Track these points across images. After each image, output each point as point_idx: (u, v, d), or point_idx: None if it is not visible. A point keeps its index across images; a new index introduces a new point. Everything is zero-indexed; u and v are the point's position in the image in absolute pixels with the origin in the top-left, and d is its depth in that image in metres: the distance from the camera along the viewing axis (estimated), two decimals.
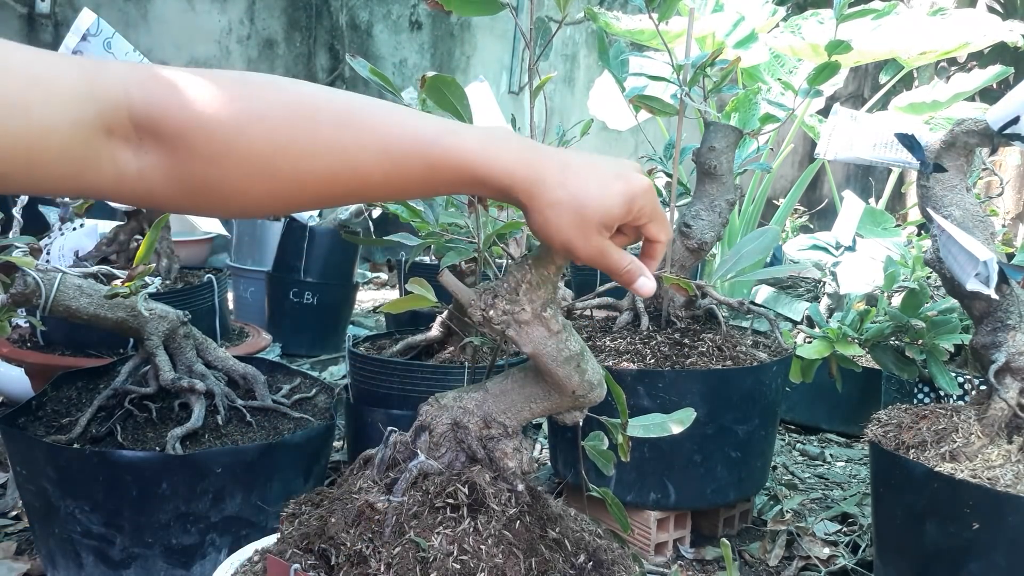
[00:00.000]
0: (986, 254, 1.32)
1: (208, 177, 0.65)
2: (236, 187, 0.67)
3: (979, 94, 4.44)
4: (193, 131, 0.64)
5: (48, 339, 2.08)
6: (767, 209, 3.99)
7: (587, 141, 1.70)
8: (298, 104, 0.68)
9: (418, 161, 0.70)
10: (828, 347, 1.81)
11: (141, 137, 0.63)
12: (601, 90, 3.79)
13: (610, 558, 0.92)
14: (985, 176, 4.05)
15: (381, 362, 1.80)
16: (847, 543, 1.83)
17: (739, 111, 2.01)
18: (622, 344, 1.76)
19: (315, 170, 0.68)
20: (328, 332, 3.21)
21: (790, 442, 2.56)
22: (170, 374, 1.52)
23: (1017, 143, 1.38)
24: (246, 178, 0.66)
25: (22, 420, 1.53)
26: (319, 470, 1.59)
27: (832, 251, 2.85)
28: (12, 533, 1.71)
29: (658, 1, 1.53)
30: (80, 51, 1.76)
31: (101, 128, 0.61)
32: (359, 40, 5.31)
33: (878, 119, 1.56)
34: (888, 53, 3.58)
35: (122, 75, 0.63)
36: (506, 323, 0.80)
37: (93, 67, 0.62)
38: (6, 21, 4.00)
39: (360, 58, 1.13)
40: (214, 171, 0.65)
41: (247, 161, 0.66)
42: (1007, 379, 1.41)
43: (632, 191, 0.75)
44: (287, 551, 0.85)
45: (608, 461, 1.01)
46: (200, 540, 1.42)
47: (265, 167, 0.67)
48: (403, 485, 0.85)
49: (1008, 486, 1.29)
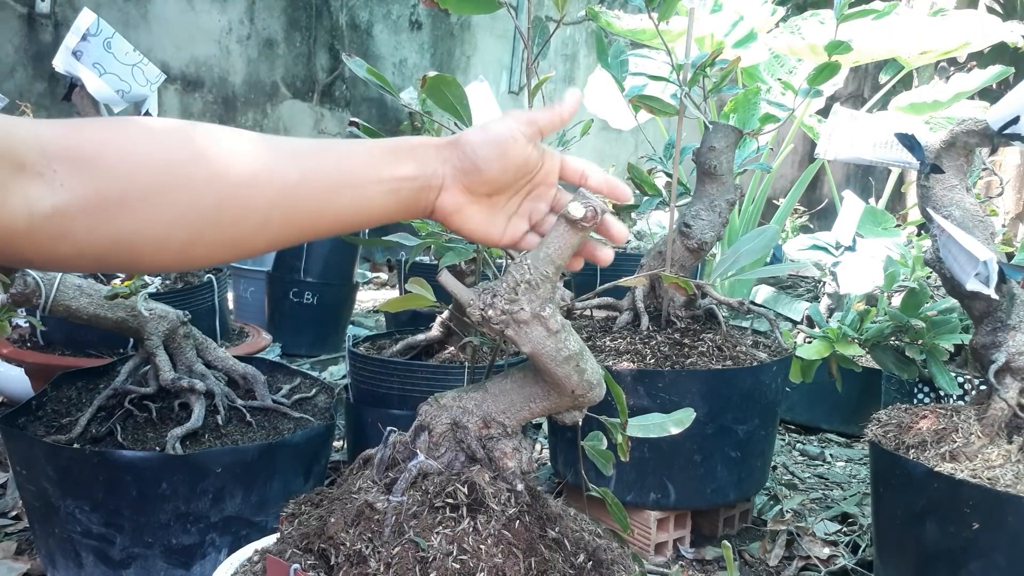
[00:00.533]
0: (986, 254, 1.32)
1: (127, 195, 0.63)
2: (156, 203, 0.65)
3: (979, 94, 4.43)
4: (110, 146, 0.63)
5: (48, 339, 2.08)
6: (767, 209, 3.99)
7: (587, 140, 1.70)
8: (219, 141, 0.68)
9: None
10: (828, 347, 1.81)
11: (55, 168, 0.61)
12: (595, 87, 3.79)
13: (610, 558, 0.92)
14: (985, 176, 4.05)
15: (381, 362, 1.80)
16: (847, 543, 1.83)
17: (738, 111, 2.01)
18: (622, 344, 1.76)
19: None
20: (328, 332, 3.21)
21: (790, 442, 2.56)
22: (170, 374, 1.52)
23: (1017, 143, 1.38)
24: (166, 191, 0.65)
25: (22, 420, 1.53)
26: (319, 470, 1.59)
27: (832, 251, 2.84)
28: (12, 533, 1.71)
29: (658, 1, 1.53)
30: (80, 51, 1.76)
31: (10, 162, 0.59)
32: (359, 40, 5.31)
33: (878, 119, 1.56)
34: (888, 53, 3.58)
35: (30, 120, 0.62)
36: (505, 323, 0.80)
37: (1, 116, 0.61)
38: (6, 21, 4.00)
39: (357, 58, 1.13)
40: (133, 187, 0.63)
41: (165, 171, 0.65)
42: (1007, 379, 1.41)
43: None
44: (287, 551, 0.85)
45: (607, 461, 1.01)
46: (200, 540, 1.42)
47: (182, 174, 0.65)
48: (403, 485, 0.85)
49: (1008, 486, 1.29)
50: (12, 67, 4.04)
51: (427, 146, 0.79)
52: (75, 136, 0.62)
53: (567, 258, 0.82)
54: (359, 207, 0.75)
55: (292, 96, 5.05)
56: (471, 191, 0.80)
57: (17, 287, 1.42)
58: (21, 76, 4.08)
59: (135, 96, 1.85)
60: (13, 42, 4.04)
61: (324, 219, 0.74)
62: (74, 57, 1.77)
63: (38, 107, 4.00)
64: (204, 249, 0.68)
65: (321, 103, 5.19)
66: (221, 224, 0.68)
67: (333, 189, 0.73)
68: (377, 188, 0.75)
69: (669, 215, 1.79)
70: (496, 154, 0.78)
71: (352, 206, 0.75)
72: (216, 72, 4.75)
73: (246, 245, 0.71)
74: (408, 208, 0.78)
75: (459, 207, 0.80)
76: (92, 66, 1.78)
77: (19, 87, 4.05)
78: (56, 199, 0.61)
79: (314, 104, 5.16)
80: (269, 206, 0.70)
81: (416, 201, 0.78)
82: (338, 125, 5.27)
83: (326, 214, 0.74)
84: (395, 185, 0.76)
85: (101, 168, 0.62)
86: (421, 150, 0.78)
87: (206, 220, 0.67)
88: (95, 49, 1.76)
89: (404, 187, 0.77)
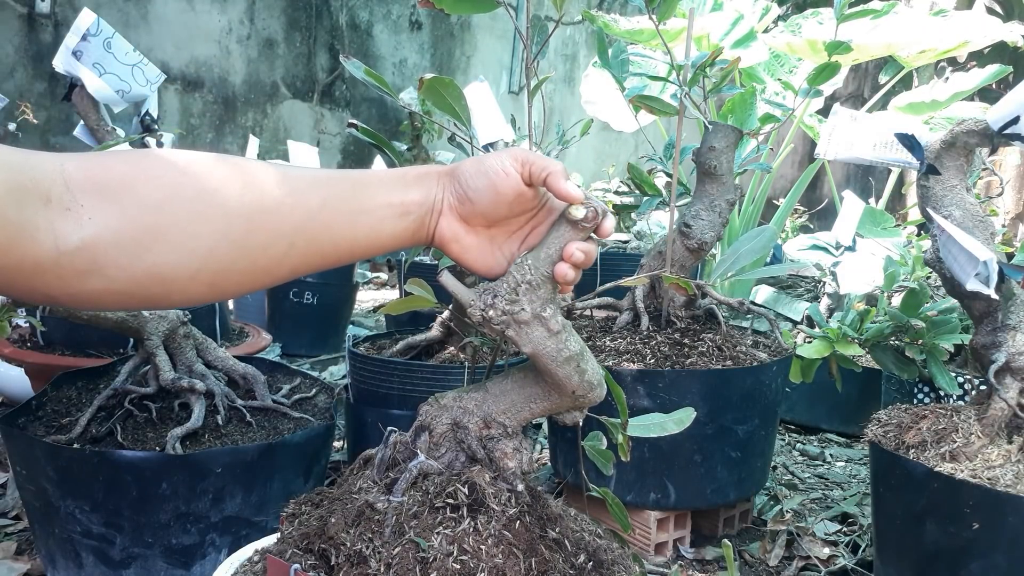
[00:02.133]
0: (986, 254, 1.32)
1: (160, 226, 0.63)
2: (191, 233, 0.65)
3: (979, 94, 4.43)
4: (139, 178, 0.63)
5: (48, 339, 2.08)
6: (767, 209, 3.99)
7: (587, 140, 1.70)
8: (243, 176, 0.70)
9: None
10: (828, 347, 1.81)
11: (82, 203, 0.61)
12: (591, 86, 3.79)
13: (610, 558, 0.92)
14: (985, 176, 4.05)
15: (381, 362, 1.80)
16: (847, 543, 1.83)
17: (735, 112, 2.01)
18: (622, 344, 1.76)
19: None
20: (328, 332, 3.21)
21: (790, 442, 2.56)
22: (170, 374, 1.52)
23: (1017, 143, 1.38)
24: (200, 221, 0.65)
25: (22, 420, 1.53)
26: (319, 470, 1.59)
27: (832, 251, 2.85)
28: (12, 533, 1.71)
29: (658, 1, 1.53)
30: (80, 51, 1.76)
31: (36, 196, 0.59)
32: (359, 40, 5.31)
33: (878, 119, 1.56)
34: (887, 51, 3.58)
35: (53, 154, 0.62)
36: (506, 323, 0.80)
37: (23, 151, 0.61)
38: (6, 21, 4.01)
39: (355, 60, 1.13)
40: (166, 218, 0.63)
41: (197, 200, 0.65)
42: (1007, 379, 1.41)
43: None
44: (287, 551, 0.85)
45: (607, 461, 1.01)
46: (200, 540, 1.42)
47: (213, 202, 0.66)
48: (403, 485, 0.85)
49: (1008, 486, 1.29)
50: (12, 67, 4.04)
51: (431, 173, 0.81)
52: (100, 169, 0.62)
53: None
54: (374, 232, 0.77)
55: (292, 96, 5.05)
56: (467, 221, 0.81)
57: None
58: (21, 76, 4.08)
59: (135, 96, 1.85)
60: (13, 42, 4.04)
61: (343, 244, 0.76)
62: (74, 57, 1.77)
63: (38, 107, 4.00)
64: (236, 277, 0.69)
65: (321, 103, 5.19)
66: (252, 251, 0.69)
67: (351, 213, 0.76)
68: (389, 212, 0.77)
69: (669, 215, 1.79)
70: (486, 185, 0.79)
71: (368, 231, 0.77)
72: (216, 72, 4.75)
73: (274, 271, 0.72)
74: (415, 234, 0.80)
75: (456, 236, 0.81)
76: (92, 66, 1.78)
77: (19, 87, 4.05)
78: (84, 233, 0.60)
79: (314, 104, 5.16)
80: (294, 232, 0.71)
81: (421, 226, 0.80)
82: (338, 125, 5.28)
83: (344, 239, 0.76)
84: (405, 210, 0.78)
85: (131, 200, 0.62)
86: (426, 177, 0.80)
87: (238, 248, 0.68)
88: (95, 49, 1.76)
89: (413, 212, 0.79)
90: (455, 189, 0.80)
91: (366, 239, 0.77)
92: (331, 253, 0.76)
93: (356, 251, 0.78)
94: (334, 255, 0.76)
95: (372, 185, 0.78)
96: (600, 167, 6.20)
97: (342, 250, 0.76)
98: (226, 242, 0.67)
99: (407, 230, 0.79)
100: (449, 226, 0.81)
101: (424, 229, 0.80)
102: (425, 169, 0.81)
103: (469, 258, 0.83)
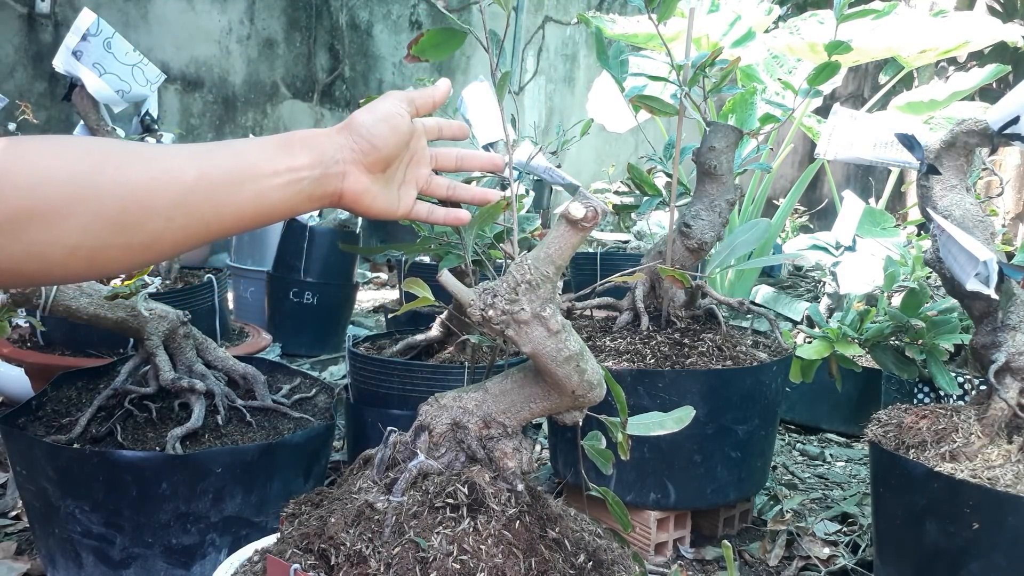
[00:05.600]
0: (986, 254, 1.32)
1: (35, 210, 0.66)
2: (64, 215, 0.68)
3: (979, 93, 4.43)
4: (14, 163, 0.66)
5: (48, 339, 2.08)
6: (767, 209, 3.99)
7: (587, 140, 1.70)
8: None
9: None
10: (828, 347, 1.81)
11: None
12: (600, 93, 3.79)
13: (610, 558, 0.92)
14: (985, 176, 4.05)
15: (381, 362, 1.80)
16: (847, 543, 1.83)
17: (735, 111, 2.01)
18: (622, 344, 1.76)
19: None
20: (328, 332, 3.21)
21: (790, 442, 2.56)
22: (170, 374, 1.52)
23: (1017, 143, 1.38)
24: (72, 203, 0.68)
25: (22, 420, 1.53)
26: (319, 470, 1.59)
27: (832, 251, 2.85)
28: (12, 533, 1.71)
29: (658, 1, 1.53)
30: (80, 51, 1.76)
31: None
32: (359, 40, 5.31)
33: (878, 119, 1.56)
34: (887, 51, 3.58)
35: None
36: (505, 323, 0.80)
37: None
38: (6, 21, 4.01)
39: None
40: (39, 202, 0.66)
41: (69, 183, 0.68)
42: (1007, 379, 1.41)
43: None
44: (287, 551, 0.85)
45: (607, 460, 1.01)
46: (200, 540, 1.42)
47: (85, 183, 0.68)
48: (403, 485, 0.85)
49: (1008, 486, 1.29)
50: (12, 67, 4.04)
51: (319, 136, 0.83)
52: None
53: (568, 259, 0.82)
54: (260, 201, 0.78)
55: (292, 96, 5.05)
56: (371, 170, 0.85)
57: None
58: (21, 76, 4.08)
59: (135, 96, 1.85)
60: (13, 42, 4.04)
61: (226, 216, 0.76)
62: (74, 57, 1.77)
63: (38, 107, 4.00)
64: (114, 253, 0.71)
65: (321, 103, 5.18)
66: (127, 228, 0.71)
67: (230, 185, 0.76)
68: (274, 181, 0.78)
69: (669, 215, 1.79)
70: (388, 130, 0.84)
71: (253, 200, 0.77)
72: (216, 72, 4.75)
73: (154, 247, 0.73)
74: (311, 198, 0.82)
75: (366, 188, 0.85)
76: (92, 66, 1.78)
77: (19, 87, 4.05)
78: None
79: (314, 104, 5.16)
80: (171, 206, 0.72)
81: (318, 189, 0.81)
82: None
83: (227, 210, 0.76)
84: (292, 176, 0.79)
85: (5, 186, 0.65)
86: (313, 140, 0.82)
87: (112, 226, 0.70)
88: (95, 49, 1.76)
89: (303, 177, 0.80)
90: (355, 144, 0.83)
91: (252, 208, 0.77)
92: (215, 224, 0.76)
93: (244, 221, 0.78)
94: (219, 226, 0.76)
95: (251, 152, 0.78)
96: (600, 167, 6.20)
97: (227, 221, 0.77)
98: (99, 221, 0.69)
99: (300, 195, 0.80)
100: (357, 181, 0.84)
101: (328, 190, 0.82)
102: (312, 132, 0.83)
103: (378, 205, 0.87)
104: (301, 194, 0.80)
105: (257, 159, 0.77)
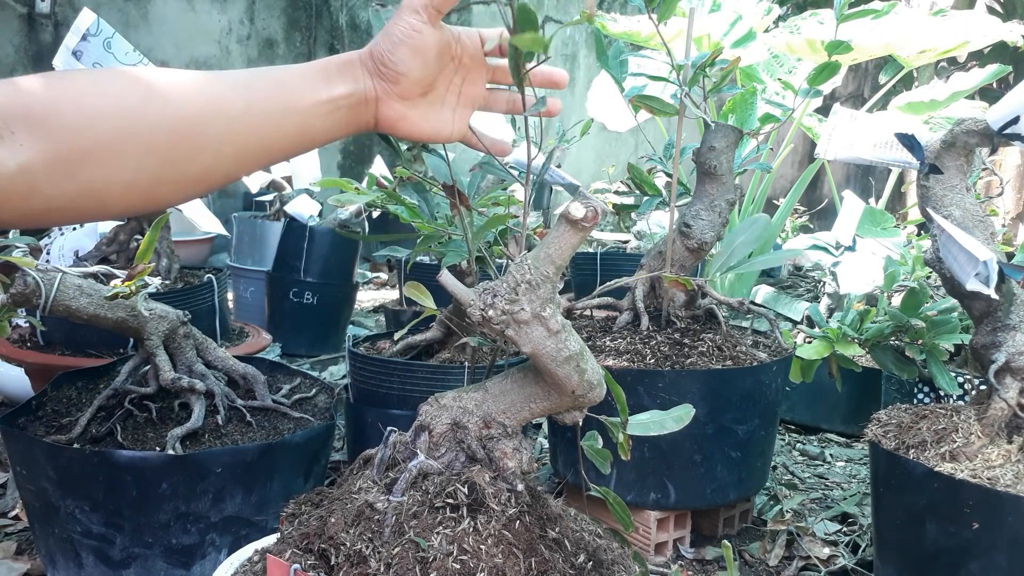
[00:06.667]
0: (986, 254, 1.32)
1: (85, 148, 0.65)
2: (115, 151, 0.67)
3: (979, 93, 4.43)
4: (61, 100, 0.65)
5: (48, 339, 2.08)
6: (767, 209, 3.99)
7: (587, 140, 1.70)
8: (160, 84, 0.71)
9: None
10: (828, 347, 1.81)
11: (13, 129, 0.63)
12: (599, 91, 3.79)
13: (610, 558, 0.92)
14: (985, 176, 4.05)
15: (381, 362, 1.79)
16: (847, 543, 1.83)
17: (736, 111, 2.01)
18: (622, 344, 1.76)
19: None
20: (328, 332, 3.21)
21: (790, 442, 2.56)
22: (170, 374, 1.52)
23: (1017, 143, 1.38)
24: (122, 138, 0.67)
25: (22, 420, 1.53)
26: (319, 470, 1.59)
27: (832, 251, 2.85)
28: (12, 533, 1.71)
29: (658, 1, 1.53)
30: (80, 51, 1.76)
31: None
32: (359, 40, 5.31)
33: (878, 119, 1.56)
34: (886, 50, 3.58)
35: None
36: (505, 323, 0.80)
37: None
38: (6, 21, 4.00)
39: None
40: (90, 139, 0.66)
41: (119, 118, 0.67)
42: (1007, 379, 1.41)
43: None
44: (287, 551, 0.85)
45: (605, 459, 1.01)
46: (200, 540, 1.42)
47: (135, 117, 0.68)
48: (403, 485, 0.85)
49: (1008, 486, 1.29)
50: (12, 67, 4.04)
51: (353, 62, 0.81)
52: (26, 96, 0.65)
53: (568, 258, 0.82)
54: (303, 131, 0.78)
55: None
56: (405, 96, 0.82)
57: (17, 287, 1.41)
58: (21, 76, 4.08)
59: None
60: (13, 42, 4.04)
61: (272, 146, 0.77)
62: (74, 57, 1.77)
63: None
64: (168, 187, 0.71)
65: None
66: (178, 162, 0.71)
67: (277, 117, 0.76)
68: (317, 111, 0.78)
69: (669, 215, 1.79)
70: (409, 53, 0.80)
71: (297, 130, 0.77)
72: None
73: (206, 178, 0.73)
74: (349, 125, 0.81)
75: (402, 114, 0.82)
76: (92, 66, 1.78)
77: None
78: (19, 159, 0.63)
79: None
80: (219, 140, 0.72)
81: (355, 117, 0.81)
82: None
83: (272, 140, 0.76)
84: (333, 106, 0.79)
85: (55, 124, 0.65)
86: (348, 67, 0.80)
87: (163, 160, 0.70)
88: (95, 49, 1.76)
89: (342, 106, 0.79)
90: (382, 72, 0.80)
91: (296, 137, 0.78)
92: (264, 154, 0.76)
93: (288, 150, 0.78)
94: (266, 157, 0.77)
95: (294, 82, 0.77)
96: (600, 167, 6.20)
97: (273, 151, 0.77)
98: (152, 156, 0.69)
99: (339, 123, 0.80)
100: (391, 108, 0.82)
101: (363, 118, 0.81)
102: (347, 58, 0.81)
103: (420, 129, 0.84)
104: (340, 122, 0.80)
105: (301, 89, 0.77)
